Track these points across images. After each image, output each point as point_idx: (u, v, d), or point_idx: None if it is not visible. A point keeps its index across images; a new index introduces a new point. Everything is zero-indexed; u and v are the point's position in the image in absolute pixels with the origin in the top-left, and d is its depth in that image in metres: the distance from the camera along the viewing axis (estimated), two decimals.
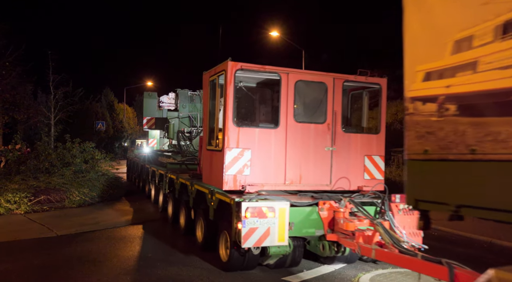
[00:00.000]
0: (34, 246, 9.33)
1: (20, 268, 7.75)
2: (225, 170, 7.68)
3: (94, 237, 10.34)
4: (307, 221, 7.25)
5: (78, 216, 12.59)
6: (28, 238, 9.98)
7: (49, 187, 14.36)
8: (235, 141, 7.73)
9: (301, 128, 8.07)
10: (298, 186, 8.06)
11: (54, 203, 13.88)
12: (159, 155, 16.34)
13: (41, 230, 10.72)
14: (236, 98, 7.86)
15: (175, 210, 11.49)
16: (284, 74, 8.00)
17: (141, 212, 13.87)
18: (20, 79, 31.67)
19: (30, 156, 16.84)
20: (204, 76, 9.15)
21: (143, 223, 12.22)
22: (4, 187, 13.54)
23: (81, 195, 14.61)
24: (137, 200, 16.40)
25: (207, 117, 8.89)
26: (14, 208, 12.81)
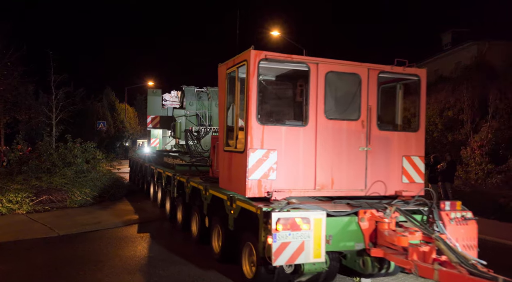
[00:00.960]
0: (36, 246, 9.22)
1: (22, 268, 7.66)
2: (248, 174, 6.53)
3: (95, 237, 10.20)
4: (345, 233, 6.13)
5: (80, 216, 12.40)
6: (30, 238, 9.86)
7: (51, 187, 14.12)
8: (259, 140, 6.59)
9: (332, 126, 6.93)
10: (329, 192, 6.92)
11: (55, 203, 13.70)
12: (165, 155, 15.14)
13: (43, 230, 10.57)
14: (259, 92, 6.66)
15: (186, 216, 10.33)
16: (313, 65, 6.85)
17: (143, 213, 13.42)
18: (21, 79, 31.20)
19: (31, 156, 16.58)
20: (219, 68, 7.98)
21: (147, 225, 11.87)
22: (6, 187, 13.34)
23: (82, 195, 14.37)
24: (139, 200, 15.95)
25: (223, 114, 7.73)
26: (16, 208, 12.64)
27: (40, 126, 34.12)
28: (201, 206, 8.88)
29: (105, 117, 46.43)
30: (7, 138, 33.52)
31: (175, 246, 9.46)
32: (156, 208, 14.07)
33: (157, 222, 12.48)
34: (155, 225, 12.09)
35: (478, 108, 22.57)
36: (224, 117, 7.72)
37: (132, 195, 17.28)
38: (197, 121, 14.50)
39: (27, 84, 33.03)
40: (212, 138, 10.21)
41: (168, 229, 11.50)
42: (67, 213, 12.84)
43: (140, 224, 11.84)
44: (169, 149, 17.78)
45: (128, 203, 15.35)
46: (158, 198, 14.00)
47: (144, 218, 12.61)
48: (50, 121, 30.24)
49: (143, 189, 17.79)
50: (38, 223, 11.29)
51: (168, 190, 12.25)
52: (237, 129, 7.17)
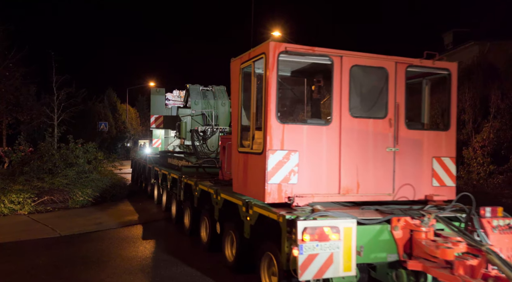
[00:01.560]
0: (37, 246, 9.14)
1: (23, 268, 7.58)
2: (267, 178, 5.84)
3: (97, 237, 10.09)
4: (377, 243, 5.44)
5: (82, 217, 12.28)
6: (32, 238, 9.78)
7: (53, 187, 14.02)
8: (279, 141, 5.90)
9: (357, 125, 6.24)
10: (354, 196, 6.23)
11: (57, 204, 13.60)
12: (169, 156, 14.41)
13: (44, 231, 10.48)
14: (279, 88, 5.96)
15: (194, 221, 9.62)
16: (337, 58, 6.16)
17: (145, 214, 13.06)
18: (23, 80, 30.73)
19: (33, 157, 16.41)
20: (232, 63, 7.28)
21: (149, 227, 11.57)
22: (8, 187, 13.23)
23: (84, 195, 14.22)
24: (141, 201, 15.60)
25: (237, 113, 7.03)
26: (18, 208, 12.53)
27: (42, 127, 33.64)
28: (211, 211, 8.18)
29: (106, 118, 45.68)
30: (9, 139, 32.96)
31: (183, 251, 8.86)
32: (160, 210, 13.37)
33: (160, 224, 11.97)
34: (158, 227, 11.59)
35: (479, 109, 22.11)
36: (238, 116, 7.01)
37: (134, 196, 17.01)
38: (203, 121, 13.77)
39: (29, 85, 32.64)
40: (222, 139, 9.51)
41: (173, 233, 10.79)
42: (68, 214, 12.69)
43: (141, 225, 11.54)
44: (172, 150, 17.03)
45: (130, 204, 15.04)
46: (162, 201, 13.24)
47: (146, 220, 12.32)
48: (52, 122, 29.83)
49: (146, 191, 17.03)
50: (40, 224, 11.16)
51: (174, 193, 11.54)
52: (253, 128, 6.48)
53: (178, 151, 15.50)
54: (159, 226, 11.73)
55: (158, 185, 14.25)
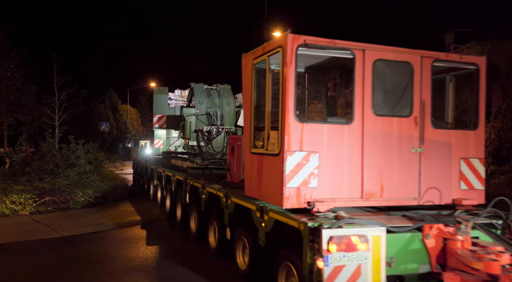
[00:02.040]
0: (39, 246, 9.04)
1: (25, 268, 7.50)
2: (285, 181, 5.32)
3: (98, 237, 10.00)
4: (407, 253, 4.92)
5: (83, 217, 12.18)
6: (33, 238, 9.68)
7: (54, 188, 13.90)
8: (297, 141, 5.37)
9: (381, 124, 5.72)
10: (378, 201, 5.70)
11: (58, 204, 13.47)
12: (173, 157, 13.85)
13: (46, 231, 10.38)
14: (298, 84, 5.42)
15: (201, 225, 9.07)
16: (359, 52, 5.63)
17: (147, 215, 12.81)
18: (24, 81, 30.20)
19: (34, 157, 16.29)
20: (244, 59, 6.75)
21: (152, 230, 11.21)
22: (9, 188, 13.13)
23: (85, 196, 14.09)
24: (142, 202, 15.38)
25: (250, 112, 6.50)
26: (19, 209, 12.43)
27: (43, 128, 33.14)
28: (220, 215, 7.66)
29: (107, 118, 45.09)
30: (10, 139, 32.52)
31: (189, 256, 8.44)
32: (163, 213, 12.83)
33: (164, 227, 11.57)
34: (162, 230, 11.22)
35: None
36: (251, 115, 6.48)
37: (136, 197, 16.79)
38: (208, 121, 13.20)
39: (30, 86, 32.12)
40: (230, 139, 8.97)
41: (179, 237, 10.28)
42: (70, 214, 12.60)
43: (145, 230, 11.14)
44: (174, 150, 16.45)
45: (132, 205, 14.77)
46: (166, 204, 12.66)
47: (148, 221, 12.10)
48: (53, 122, 29.39)
49: (149, 193, 16.44)
50: (41, 224, 11.06)
51: (179, 196, 10.98)
52: (268, 128, 5.94)
53: (182, 152, 14.94)
54: (162, 229, 11.29)
55: (161, 187, 13.69)
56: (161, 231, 11.12)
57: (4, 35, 28.01)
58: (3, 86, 27.84)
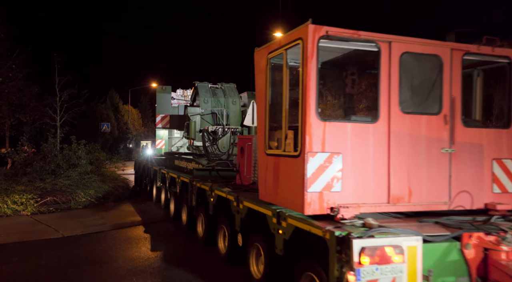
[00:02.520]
0: (40, 247, 8.98)
1: (26, 269, 7.45)
2: (306, 185, 4.79)
3: (100, 238, 9.91)
4: (444, 264, 4.42)
5: (84, 217, 12.11)
6: (35, 239, 9.62)
7: (55, 188, 13.85)
8: (319, 141, 4.85)
9: (409, 122, 5.20)
10: (406, 206, 5.18)
11: (60, 204, 13.42)
12: (176, 158, 13.31)
13: (47, 231, 10.33)
14: (320, 79, 4.90)
15: (209, 229, 8.54)
16: (385, 44, 5.11)
17: (148, 215, 12.80)
18: (26, 81, 30.02)
19: (36, 158, 16.28)
20: (257, 54, 6.23)
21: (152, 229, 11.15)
22: (11, 188, 13.07)
23: (86, 196, 14.08)
24: (143, 203, 15.26)
25: (264, 110, 5.97)
26: (20, 209, 12.38)
27: (44, 128, 32.88)
28: (231, 220, 7.14)
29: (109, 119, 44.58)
30: (12, 140, 32.05)
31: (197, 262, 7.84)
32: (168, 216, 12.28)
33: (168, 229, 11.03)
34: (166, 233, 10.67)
35: None
36: (265, 113, 5.95)
37: (137, 197, 16.74)
38: (213, 121, 12.66)
39: (32, 86, 31.80)
40: (239, 140, 8.45)
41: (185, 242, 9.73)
42: (71, 214, 12.55)
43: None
44: (176, 151, 15.88)
45: (133, 205, 14.66)
46: (171, 207, 12.10)
47: (150, 222, 11.95)
48: (55, 123, 29.11)
49: (151, 195, 15.82)
50: (42, 224, 11.03)
51: (184, 198, 10.44)
52: (286, 127, 5.41)
53: (186, 152, 14.40)
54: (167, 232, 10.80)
55: (165, 188, 13.10)
56: (166, 234, 10.61)
57: (5, 36, 28.01)
58: (5, 86, 27.82)
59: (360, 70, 6.03)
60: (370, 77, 5.79)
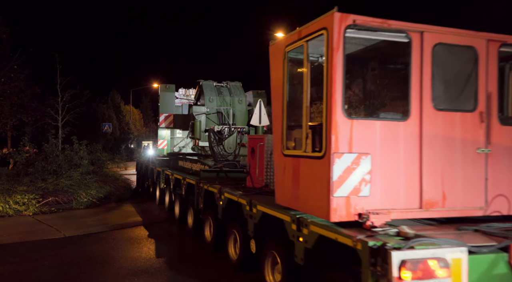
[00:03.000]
0: (42, 247, 8.90)
1: (28, 269, 7.39)
2: (332, 189, 4.28)
3: (101, 238, 9.79)
4: (490, 278, 3.88)
5: (86, 217, 12.05)
6: (37, 239, 9.56)
7: (57, 188, 13.77)
8: (346, 141, 4.34)
9: (442, 120, 4.69)
10: (440, 212, 4.68)
11: (62, 205, 13.35)
12: (180, 158, 12.79)
13: (49, 231, 10.27)
14: (346, 73, 4.39)
15: (218, 234, 8.03)
16: (416, 35, 4.61)
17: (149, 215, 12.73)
18: (27, 82, 29.64)
19: (38, 158, 16.17)
20: (272, 48, 5.73)
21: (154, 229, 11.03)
22: (13, 188, 13.00)
23: (88, 196, 14.03)
24: (144, 202, 15.20)
25: (281, 108, 5.47)
26: (22, 209, 12.30)
27: (46, 129, 32.53)
28: (243, 225, 6.64)
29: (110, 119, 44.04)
30: (13, 140, 31.94)
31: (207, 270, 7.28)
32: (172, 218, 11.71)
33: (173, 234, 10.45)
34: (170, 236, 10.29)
35: None
36: (282, 111, 5.44)
37: (139, 198, 16.68)
38: (219, 120, 12.13)
39: (33, 87, 31.46)
40: (250, 140, 7.94)
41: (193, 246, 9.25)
42: (73, 215, 12.51)
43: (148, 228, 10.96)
44: (178, 151, 15.34)
45: (135, 205, 14.58)
46: (176, 210, 11.57)
47: (151, 220, 11.90)
48: (56, 123, 28.85)
49: (155, 196, 15.29)
50: (44, 225, 10.97)
51: (191, 200, 9.92)
52: (307, 126, 4.90)
53: (190, 153, 13.87)
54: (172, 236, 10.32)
55: (169, 190, 12.57)
56: (171, 237, 10.16)
57: (7, 36, 27.61)
58: (7, 87, 27.51)
59: (387, 63, 5.51)
60: (398, 71, 5.27)
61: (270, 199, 6.24)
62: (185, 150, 15.38)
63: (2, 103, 27.93)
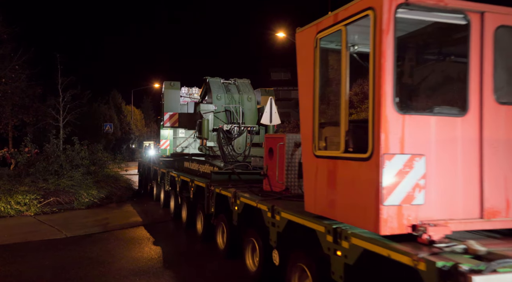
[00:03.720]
0: (44, 247, 8.77)
1: (30, 269, 7.26)
2: (382, 197, 3.56)
3: (103, 238, 9.61)
4: None
5: (87, 218, 11.93)
6: (38, 239, 9.41)
7: (58, 188, 13.67)
8: (397, 140, 3.62)
9: (505, 114, 4.00)
10: (503, 222, 3.99)
11: (63, 205, 13.20)
12: (186, 159, 12.04)
13: (50, 232, 10.14)
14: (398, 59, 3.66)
15: (232, 242, 7.30)
16: (476, 16, 3.89)
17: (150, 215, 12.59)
18: (29, 82, 29.41)
19: (39, 158, 16.03)
20: (300, 35, 4.99)
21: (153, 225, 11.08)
22: (14, 188, 12.88)
23: (89, 196, 13.92)
24: (145, 202, 15.03)
25: (311, 102, 4.74)
26: (24, 209, 12.18)
27: (47, 129, 32.15)
28: (263, 233, 5.92)
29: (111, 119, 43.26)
30: (15, 140, 31.43)
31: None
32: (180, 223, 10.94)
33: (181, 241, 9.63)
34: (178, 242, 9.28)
35: None
36: (313, 106, 4.70)
37: (140, 198, 16.58)
38: (227, 119, 11.35)
39: (35, 87, 31.09)
40: (267, 139, 7.19)
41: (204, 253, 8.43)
42: (74, 215, 12.39)
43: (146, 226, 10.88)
44: (180, 151, 14.55)
45: (136, 205, 14.41)
46: (183, 215, 10.79)
47: (151, 220, 11.75)
48: (57, 123, 28.51)
49: (159, 199, 14.51)
50: (45, 225, 10.88)
51: (200, 204, 9.17)
52: (346, 123, 4.16)
53: (196, 154, 13.11)
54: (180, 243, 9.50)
55: (175, 193, 11.75)
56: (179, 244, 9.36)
57: (8, 37, 27.24)
58: (8, 87, 27.20)
59: (442, 49, 4.75)
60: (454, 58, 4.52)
61: (294, 204, 5.53)
62: (188, 150, 14.63)
63: (4, 104, 27.72)
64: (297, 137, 6.49)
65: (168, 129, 15.77)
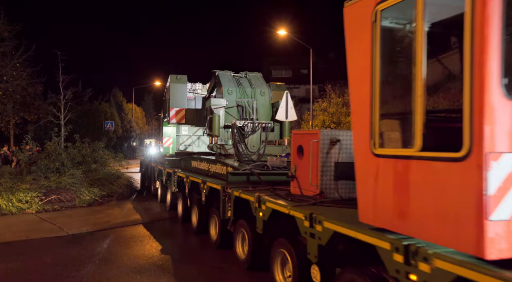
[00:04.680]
0: (45, 245, 8.63)
1: (31, 267, 7.05)
2: (488, 210, 2.61)
3: (104, 236, 9.38)
4: None
5: (89, 215, 11.72)
6: (40, 237, 9.25)
7: (60, 186, 13.40)
8: (505, 134, 2.67)
9: None
10: None
11: (64, 203, 12.97)
12: (193, 158, 11.05)
13: (52, 229, 9.99)
14: (507, 26, 2.69)
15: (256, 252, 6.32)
16: None
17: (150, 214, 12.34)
18: (30, 80, 28.85)
19: (40, 156, 15.76)
20: (352, 8, 4.05)
21: None
22: (16, 186, 12.70)
23: (91, 194, 13.62)
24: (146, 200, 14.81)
25: (369, 90, 3.77)
26: (25, 207, 12.02)
27: (48, 127, 31.49)
28: (298, 245, 4.94)
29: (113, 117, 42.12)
30: (16, 138, 30.72)
31: None
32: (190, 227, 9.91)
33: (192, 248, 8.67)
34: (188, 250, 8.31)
35: None
36: (372, 94, 3.73)
37: (141, 195, 16.28)
38: (239, 115, 10.35)
39: (36, 85, 30.37)
40: (296, 136, 6.22)
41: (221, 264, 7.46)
42: (76, 213, 12.20)
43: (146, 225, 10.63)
44: (183, 150, 13.55)
45: (137, 204, 14.02)
46: (193, 219, 9.78)
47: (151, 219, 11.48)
48: (59, 121, 27.73)
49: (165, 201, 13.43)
50: (47, 222, 10.72)
51: (214, 208, 8.20)
52: (423, 114, 3.20)
53: (204, 152, 12.10)
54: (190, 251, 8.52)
55: (183, 195, 10.68)
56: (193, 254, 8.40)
57: (9, 35, 26.76)
58: (9, 85, 26.71)
59: None
60: None
61: (336, 212, 4.59)
62: (191, 149, 13.63)
63: (5, 102, 27.30)
64: (333, 133, 5.54)
65: (172, 127, 14.76)
